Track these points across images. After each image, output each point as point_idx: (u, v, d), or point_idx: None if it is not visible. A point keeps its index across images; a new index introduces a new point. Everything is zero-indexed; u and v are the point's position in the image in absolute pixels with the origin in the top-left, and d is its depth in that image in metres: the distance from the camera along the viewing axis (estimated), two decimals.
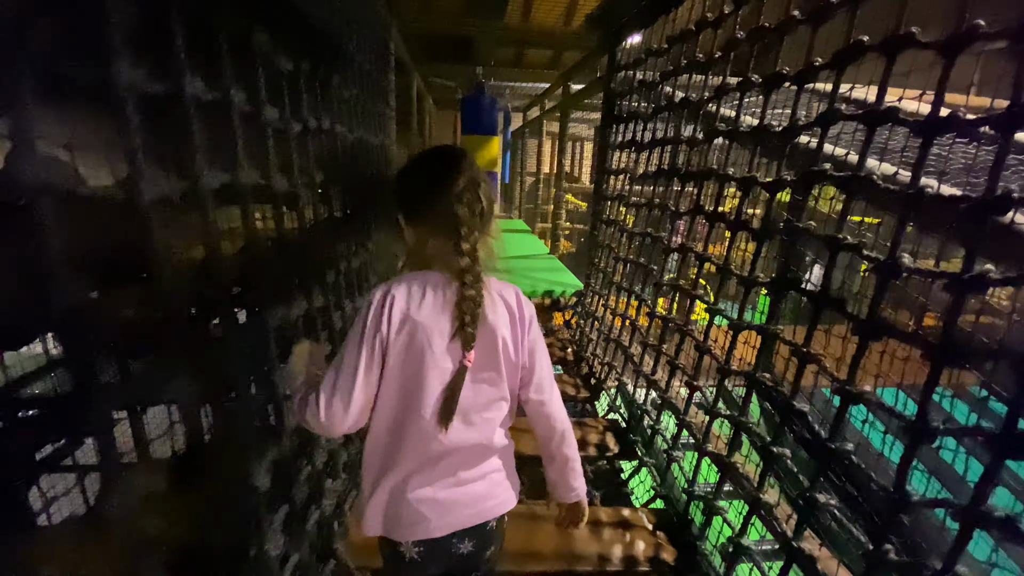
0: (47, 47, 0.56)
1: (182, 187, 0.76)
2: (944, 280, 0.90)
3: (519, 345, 0.89)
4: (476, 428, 0.85)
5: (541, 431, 0.98)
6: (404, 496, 0.84)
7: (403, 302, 0.81)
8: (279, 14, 1.13)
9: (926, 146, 0.97)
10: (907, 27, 1.02)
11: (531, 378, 0.92)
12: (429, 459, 0.84)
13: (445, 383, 0.83)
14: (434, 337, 0.81)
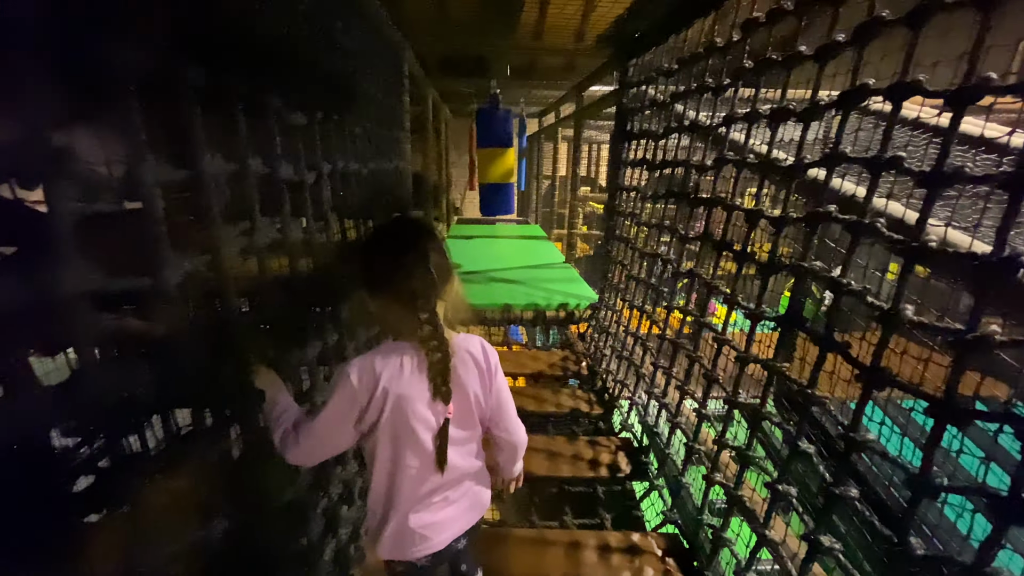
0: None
1: None
2: (949, 337, 0.90)
3: (488, 393, 1.03)
4: (459, 461, 1.01)
5: (505, 451, 1.15)
6: (407, 527, 0.98)
7: (383, 377, 0.92)
8: (293, 74, 1.18)
9: (930, 198, 0.96)
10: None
11: (500, 420, 1.08)
12: (423, 494, 1.00)
13: (433, 433, 0.96)
14: (415, 403, 0.93)
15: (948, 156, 0.94)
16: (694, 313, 1.84)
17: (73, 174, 0.59)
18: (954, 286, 1.12)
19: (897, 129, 1.56)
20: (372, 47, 2.04)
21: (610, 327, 2.91)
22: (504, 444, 1.13)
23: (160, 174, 0.71)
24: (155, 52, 0.70)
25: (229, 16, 0.97)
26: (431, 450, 0.95)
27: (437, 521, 1.00)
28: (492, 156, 4.46)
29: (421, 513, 0.99)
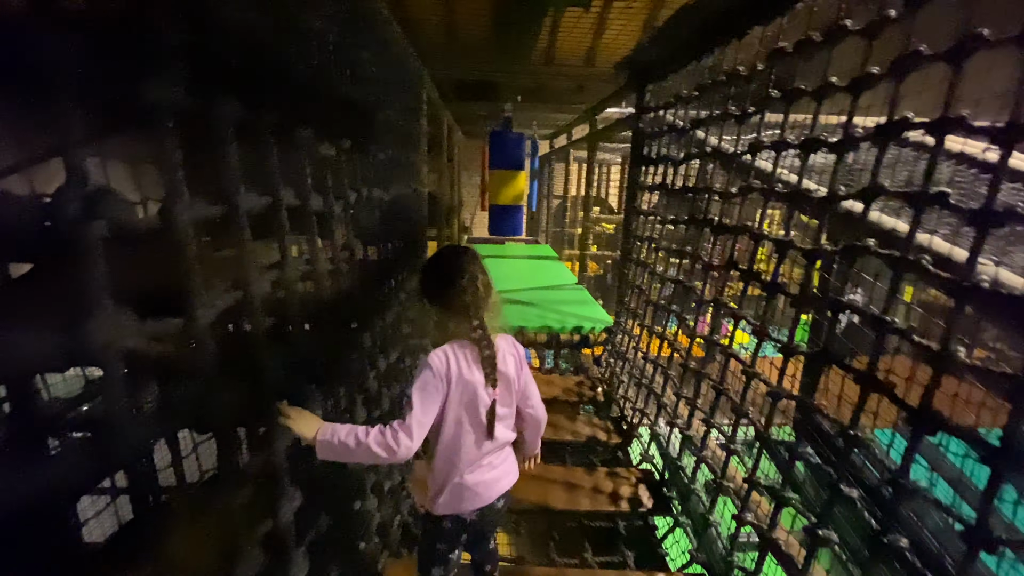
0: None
1: None
2: (1004, 387, 0.86)
3: (520, 379, 1.31)
4: (500, 433, 1.26)
5: (530, 424, 1.40)
6: (465, 485, 1.24)
7: (455, 367, 1.17)
8: (323, 105, 1.18)
9: (980, 237, 0.93)
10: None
11: (528, 398, 1.35)
12: (476, 459, 1.25)
13: (484, 412, 1.21)
14: (477, 387, 1.20)
15: (997, 194, 0.91)
16: (718, 343, 1.80)
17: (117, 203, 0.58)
18: (1004, 329, 1.08)
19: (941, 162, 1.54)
20: (394, 74, 2.06)
21: (627, 352, 2.86)
22: (530, 419, 1.38)
23: (196, 210, 0.69)
24: (199, 89, 0.69)
25: (265, 51, 0.97)
26: (484, 423, 1.22)
27: (487, 480, 1.26)
28: (504, 178, 4.47)
29: (475, 474, 1.25)
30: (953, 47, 1.01)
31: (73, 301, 0.52)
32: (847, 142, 1.26)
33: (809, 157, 1.42)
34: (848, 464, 1.19)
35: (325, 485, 1.25)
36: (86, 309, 0.53)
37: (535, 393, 1.36)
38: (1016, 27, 0.90)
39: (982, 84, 1.07)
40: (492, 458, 1.28)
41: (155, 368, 0.76)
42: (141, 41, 0.63)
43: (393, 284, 1.92)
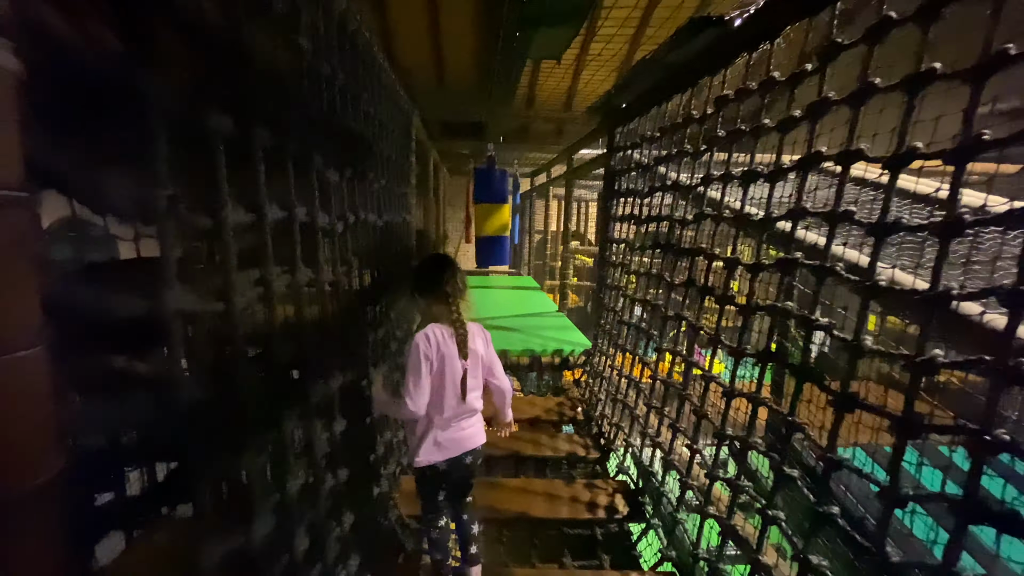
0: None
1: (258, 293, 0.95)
2: (901, 362, 1.04)
3: (487, 355, 1.68)
4: (470, 400, 1.61)
5: (497, 394, 1.79)
6: (438, 440, 1.59)
7: (435, 342, 1.55)
8: (331, 139, 1.37)
9: (877, 245, 1.14)
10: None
11: (493, 371, 1.72)
12: (449, 419, 1.60)
13: (458, 379, 1.58)
14: (453, 359, 1.57)
15: (889, 210, 1.13)
16: (681, 353, 1.98)
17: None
18: (900, 314, 1.28)
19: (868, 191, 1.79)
20: (388, 114, 2.27)
21: (604, 371, 3.01)
22: (496, 389, 1.76)
23: (238, 216, 0.85)
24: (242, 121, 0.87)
25: (284, 90, 1.16)
26: (458, 389, 1.58)
27: (456, 437, 1.61)
28: (488, 211, 4.71)
29: (447, 432, 1.60)
30: (853, 92, 1.24)
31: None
32: (777, 173, 1.49)
33: (749, 186, 1.65)
34: (789, 448, 1.35)
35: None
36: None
37: (499, 367, 1.75)
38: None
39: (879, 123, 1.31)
40: (462, 421, 1.64)
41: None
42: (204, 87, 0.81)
43: (385, 301, 2.07)
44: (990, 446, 0.88)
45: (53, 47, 0.61)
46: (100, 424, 0.65)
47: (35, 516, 0.52)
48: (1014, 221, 0.88)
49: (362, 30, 1.69)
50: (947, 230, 0.97)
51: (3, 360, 0.48)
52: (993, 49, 0.92)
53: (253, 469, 0.91)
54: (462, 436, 1.62)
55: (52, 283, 0.54)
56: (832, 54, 1.31)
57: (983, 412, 0.90)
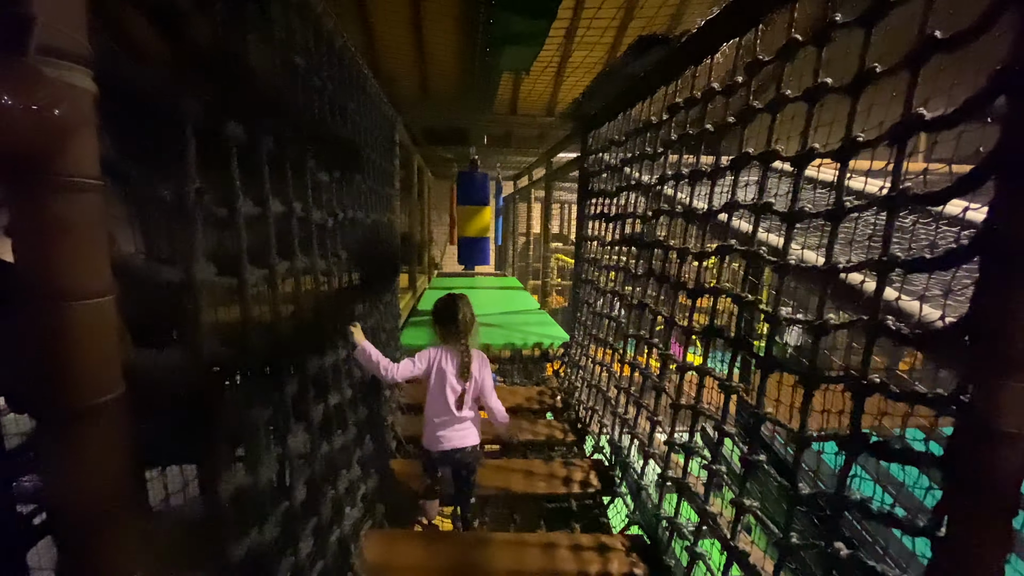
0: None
1: (263, 273, 1.13)
2: (805, 326, 1.25)
3: (483, 379, 2.10)
4: (464, 411, 2.04)
5: (492, 415, 2.19)
6: (436, 434, 2.04)
7: (436, 359, 2.04)
8: (324, 143, 1.55)
9: (790, 230, 1.35)
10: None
11: (487, 396, 2.14)
12: (446, 422, 2.03)
13: (457, 394, 2.03)
14: (449, 376, 2.03)
15: (799, 201, 1.34)
16: (642, 336, 2.18)
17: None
18: (808, 288, 1.50)
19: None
20: (373, 120, 2.46)
21: (580, 361, 3.21)
22: (489, 411, 2.18)
23: (248, 208, 1.03)
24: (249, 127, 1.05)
25: (277, 96, 1.34)
26: (452, 401, 2.02)
27: (447, 435, 2.04)
28: (471, 213, 4.91)
29: (442, 431, 2.04)
30: (771, 101, 1.46)
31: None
32: (716, 172, 1.70)
33: (695, 185, 1.87)
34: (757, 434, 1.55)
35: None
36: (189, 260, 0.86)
37: (493, 392, 2.17)
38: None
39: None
40: (457, 424, 2.05)
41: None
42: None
43: (372, 290, 2.25)
44: (866, 389, 1.09)
45: (112, 72, 0.79)
46: (147, 366, 0.82)
47: (104, 424, 0.69)
48: (882, 205, 1.09)
49: (347, 46, 1.88)
50: (833, 215, 1.19)
51: (89, 303, 0.66)
52: (864, 69, 1.14)
53: (260, 418, 1.09)
54: (451, 436, 2.04)
55: (118, 251, 0.72)
56: (755, 68, 1.53)
57: (861, 361, 1.11)
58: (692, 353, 1.94)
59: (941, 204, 0.99)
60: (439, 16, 3.02)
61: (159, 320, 0.90)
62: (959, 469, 0.93)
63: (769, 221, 1.60)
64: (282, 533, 1.22)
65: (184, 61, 0.89)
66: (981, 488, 0.91)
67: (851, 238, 2.03)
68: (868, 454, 1.13)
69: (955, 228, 2.21)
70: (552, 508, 2.34)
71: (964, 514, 0.94)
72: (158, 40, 0.90)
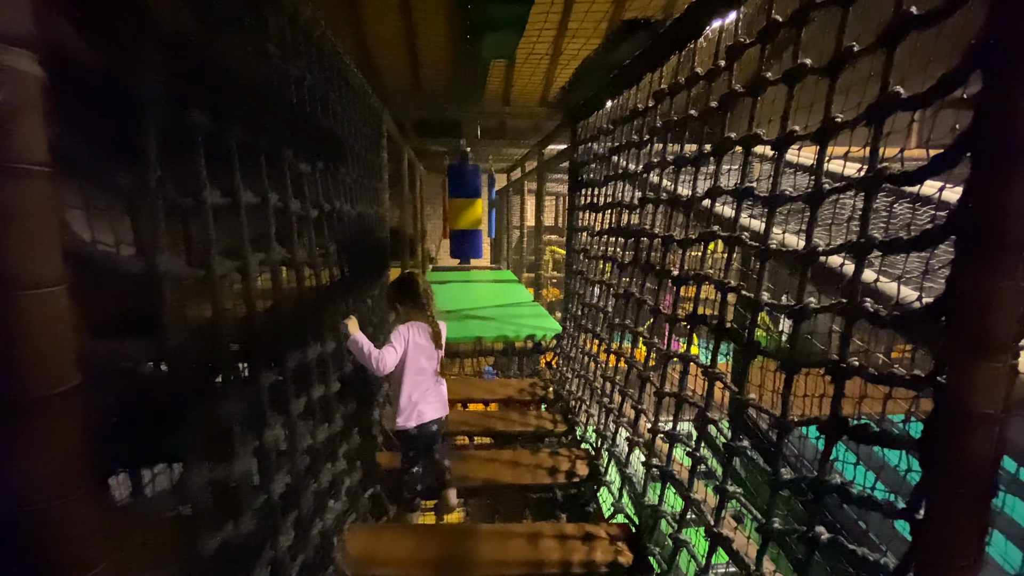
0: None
1: (235, 264, 1.11)
2: (785, 311, 1.24)
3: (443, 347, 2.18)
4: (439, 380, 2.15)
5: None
6: (416, 408, 2.06)
7: (411, 335, 2.06)
8: (302, 133, 1.53)
9: (771, 214, 1.34)
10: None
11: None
12: (421, 394, 2.08)
13: (433, 362, 2.11)
14: (423, 348, 2.08)
15: (779, 186, 1.33)
16: (627, 326, 2.18)
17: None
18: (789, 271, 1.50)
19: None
20: (358, 111, 2.43)
21: (570, 352, 3.20)
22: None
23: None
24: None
25: (254, 87, 1.32)
26: (429, 371, 2.09)
27: (426, 408, 2.08)
28: (463, 206, 4.88)
29: (420, 404, 2.06)
30: (753, 83, 1.44)
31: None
32: (699, 157, 1.69)
33: (680, 172, 1.85)
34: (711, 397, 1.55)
35: None
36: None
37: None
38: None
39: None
40: (431, 396, 2.12)
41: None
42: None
43: (360, 284, 2.24)
44: (845, 372, 1.09)
45: (64, 56, 0.77)
46: (105, 356, 0.81)
47: (57, 416, 0.68)
48: (859, 187, 1.08)
49: (328, 36, 1.85)
50: (812, 198, 1.17)
51: (38, 292, 0.64)
52: (842, 48, 1.13)
53: (235, 413, 1.07)
54: (429, 407, 2.09)
55: (70, 239, 0.70)
56: (737, 53, 1.51)
57: (839, 346, 1.11)
58: (682, 342, 1.94)
59: (917, 184, 0.98)
60: (427, 5, 2.98)
61: (123, 311, 0.88)
62: (935, 451, 0.92)
63: (753, 208, 1.59)
64: (260, 526, 1.21)
65: (145, 46, 0.87)
66: (958, 470, 0.90)
67: (830, 223, 2.03)
68: (848, 437, 1.13)
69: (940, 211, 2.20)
70: (538, 499, 2.35)
71: (941, 496, 0.93)
72: (119, 24, 0.88)
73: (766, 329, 4.00)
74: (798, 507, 1.77)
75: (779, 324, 3.41)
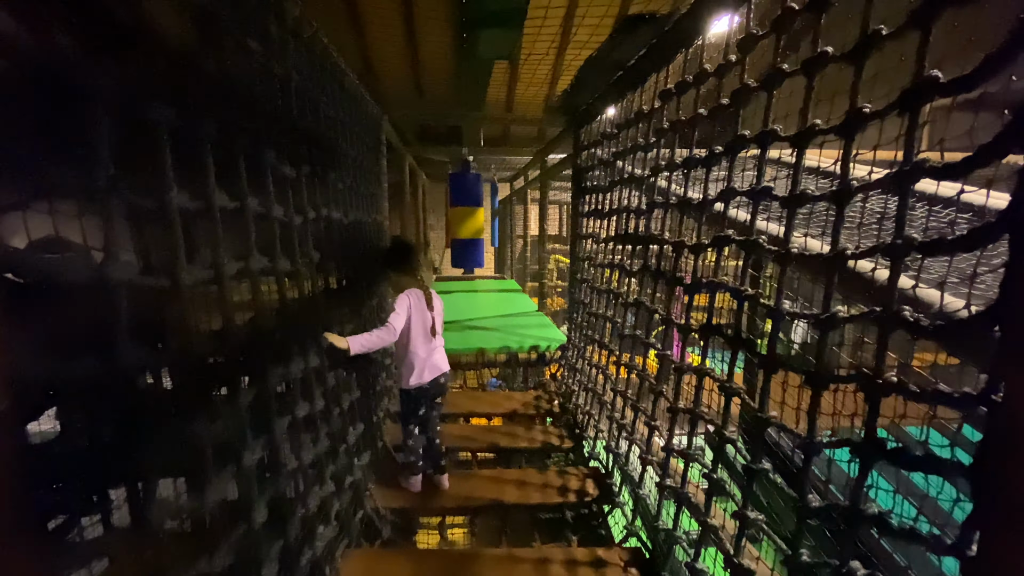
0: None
1: (208, 274, 1.02)
2: (810, 320, 1.13)
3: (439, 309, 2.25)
4: (438, 338, 2.23)
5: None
6: (427, 362, 2.18)
7: (411, 301, 2.14)
8: (284, 135, 1.45)
9: (791, 216, 1.23)
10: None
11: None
12: (432, 351, 2.20)
13: (428, 323, 2.17)
14: (424, 311, 2.17)
15: (799, 184, 1.23)
16: (637, 336, 2.06)
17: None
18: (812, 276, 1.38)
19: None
20: (353, 116, 2.36)
21: (576, 363, 3.09)
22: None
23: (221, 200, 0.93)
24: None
25: (235, 88, 1.23)
26: (428, 331, 2.17)
27: (433, 365, 2.20)
28: (464, 214, 4.80)
29: (428, 361, 2.17)
30: (766, 77, 1.35)
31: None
32: (711, 158, 1.59)
33: (690, 174, 1.75)
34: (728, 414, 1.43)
35: None
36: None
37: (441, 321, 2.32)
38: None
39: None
40: (435, 353, 2.21)
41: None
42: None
43: (353, 296, 2.15)
44: (881, 388, 0.97)
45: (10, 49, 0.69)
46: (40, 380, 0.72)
47: None
48: (894, 183, 0.97)
49: (319, 36, 1.78)
50: (839, 197, 1.07)
51: None
52: (868, 32, 1.03)
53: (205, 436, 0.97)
54: (436, 363, 2.21)
55: None
56: (749, 46, 1.42)
57: (874, 358, 0.99)
58: (693, 353, 1.82)
59: (960, 177, 0.87)
60: (429, 10, 2.92)
61: (76, 325, 0.79)
62: (990, 478, 0.80)
63: (768, 211, 1.49)
64: (240, 559, 1.11)
65: (98, 35, 0.79)
66: (1015, 500, 0.78)
67: (857, 223, 1.91)
68: (886, 461, 1.01)
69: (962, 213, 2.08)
70: (547, 519, 2.22)
71: (997, 530, 0.81)
72: (70, 13, 0.80)
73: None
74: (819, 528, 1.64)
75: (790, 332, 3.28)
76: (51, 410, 0.83)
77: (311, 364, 1.54)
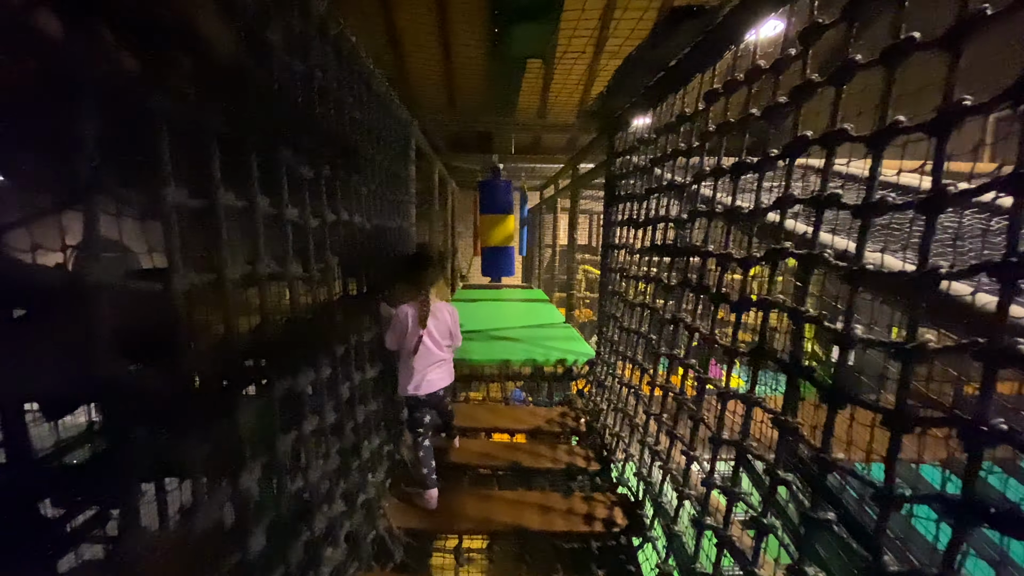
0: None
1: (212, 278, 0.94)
2: (892, 349, 0.97)
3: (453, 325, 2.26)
4: (438, 352, 2.18)
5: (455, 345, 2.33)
6: (423, 378, 2.16)
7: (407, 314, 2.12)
8: (302, 133, 1.37)
9: (865, 228, 1.07)
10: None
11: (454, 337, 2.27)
12: (425, 365, 2.16)
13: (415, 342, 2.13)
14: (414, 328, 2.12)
15: (875, 190, 1.06)
16: (673, 355, 1.90)
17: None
18: (888, 301, 1.20)
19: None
20: (380, 120, 2.29)
21: (605, 380, 2.93)
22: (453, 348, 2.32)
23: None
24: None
25: (255, 85, 1.16)
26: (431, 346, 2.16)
27: (432, 378, 2.18)
28: (494, 222, 4.71)
29: (426, 372, 2.16)
30: (834, 71, 1.19)
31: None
32: (765, 162, 1.43)
33: (738, 181, 1.60)
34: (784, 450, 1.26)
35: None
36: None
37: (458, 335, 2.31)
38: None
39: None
40: (435, 367, 2.19)
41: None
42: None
43: (376, 299, 2.07)
44: (986, 436, 0.80)
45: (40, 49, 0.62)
46: None
47: None
48: (1003, 188, 0.81)
49: (346, 35, 1.72)
50: (931, 205, 0.90)
51: None
52: None
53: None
54: (433, 378, 2.18)
55: None
56: (814, 36, 1.26)
57: (978, 401, 0.82)
58: (751, 381, 1.65)
59: None
60: (463, 12, 2.85)
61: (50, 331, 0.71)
62: None
63: (830, 223, 1.32)
64: None
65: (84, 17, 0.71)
66: None
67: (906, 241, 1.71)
68: (986, 526, 0.83)
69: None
70: (571, 549, 2.06)
71: None
72: None
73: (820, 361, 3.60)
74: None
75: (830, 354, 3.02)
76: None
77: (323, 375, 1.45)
